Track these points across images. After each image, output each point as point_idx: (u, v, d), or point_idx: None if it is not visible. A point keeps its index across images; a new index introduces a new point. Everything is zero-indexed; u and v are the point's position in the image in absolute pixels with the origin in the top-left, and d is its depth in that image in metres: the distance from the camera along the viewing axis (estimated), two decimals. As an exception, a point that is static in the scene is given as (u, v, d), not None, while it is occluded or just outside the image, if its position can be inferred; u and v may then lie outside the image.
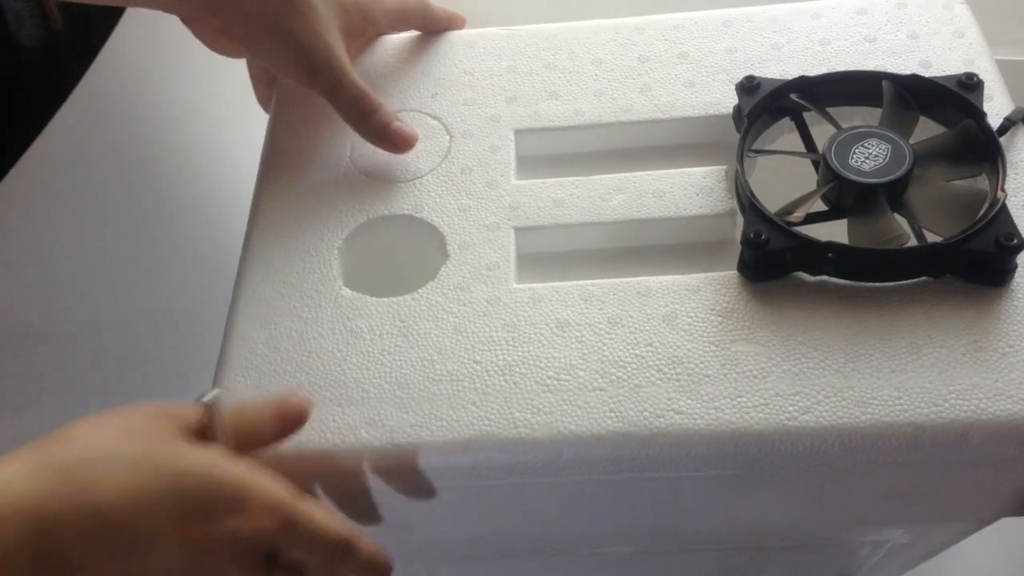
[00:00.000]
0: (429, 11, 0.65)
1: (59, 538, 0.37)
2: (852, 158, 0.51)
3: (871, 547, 0.59)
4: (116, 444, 0.40)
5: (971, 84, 0.53)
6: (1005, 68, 0.59)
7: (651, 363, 0.48)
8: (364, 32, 0.63)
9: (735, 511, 0.51)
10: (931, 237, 0.50)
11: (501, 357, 0.50)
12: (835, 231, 0.51)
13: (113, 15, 0.79)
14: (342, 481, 0.48)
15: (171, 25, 0.60)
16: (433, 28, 0.66)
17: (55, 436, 0.40)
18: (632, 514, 0.52)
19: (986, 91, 0.55)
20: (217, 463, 0.41)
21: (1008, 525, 0.54)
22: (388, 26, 0.64)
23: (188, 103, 0.79)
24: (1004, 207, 0.49)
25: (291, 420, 0.46)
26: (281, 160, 0.60)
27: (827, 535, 0.58)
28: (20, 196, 0.68)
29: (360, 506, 0.50)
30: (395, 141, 0.58)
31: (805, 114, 0.56)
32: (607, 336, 0.50)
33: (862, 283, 0.50)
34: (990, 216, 0.48)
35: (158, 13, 0.58)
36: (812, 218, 0.51)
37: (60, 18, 0.74)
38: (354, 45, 0.63)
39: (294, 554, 0.42)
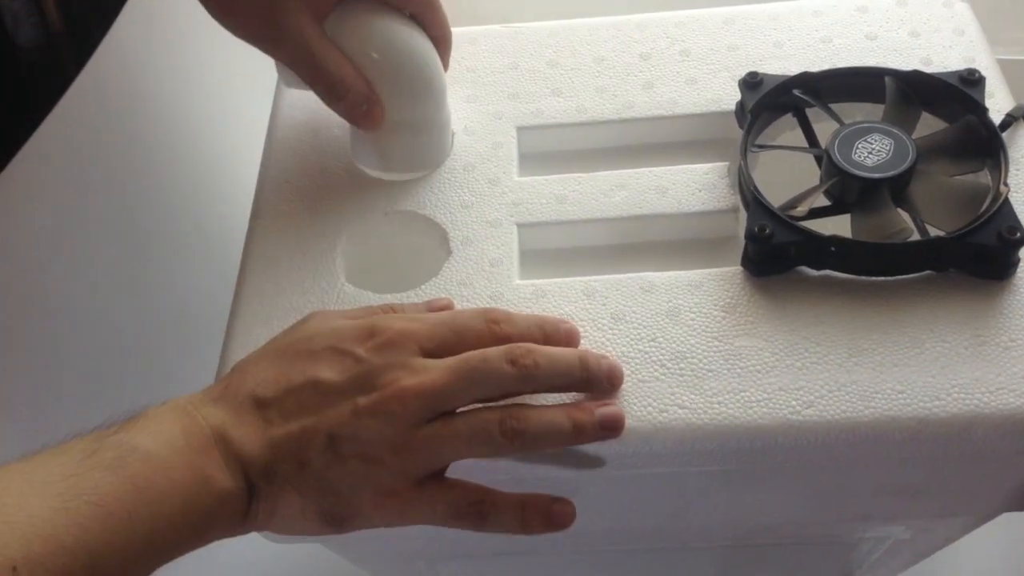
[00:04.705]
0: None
1: (233, 391, 0.44)
2: (855, 153, 0.51)
3: (872, 543, 0.59)
4: (255, 352, 0.47)
5: (973, 80, 0.53)
6: (1006, 68, 0.59)
7: (654, 358, 0.48)
8: None
9: (738, 506, 0.51)
10: (934, 232, 0.50)
11: (504, 352, 0.50)
12: (838, 227, 0.51)
13: (111, 15, 0.79)
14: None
15: (168, 23, 0.60)
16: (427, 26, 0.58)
17: None
18: (635, 510, 0.51)
19: (987, 88, 0.55)
20: (336, 319, 0.47)
21: (1008, 523, 0.54)
22: None
23: (186, 100, 0.79)
24: (1007, 201, 0.49)
25: (439, 308, 0.50)
26: (282, 156, 0.60)
27: (830, 531, 0.58)
28: (17, 193, 0.68)
29: None
30: (357, 121, 0.55)
31: (807, 110, 0.56)
32: (610, 332, 0.50)
33: (865, 278, 0.50)
34: (993, 210, 0.48)
35: (156, 10, 0.57)
36: (815, 213, 0.51)
37: (58, 18, 0.74)
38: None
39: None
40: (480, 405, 0.44)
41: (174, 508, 0.40)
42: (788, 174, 0.55)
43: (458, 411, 0.44)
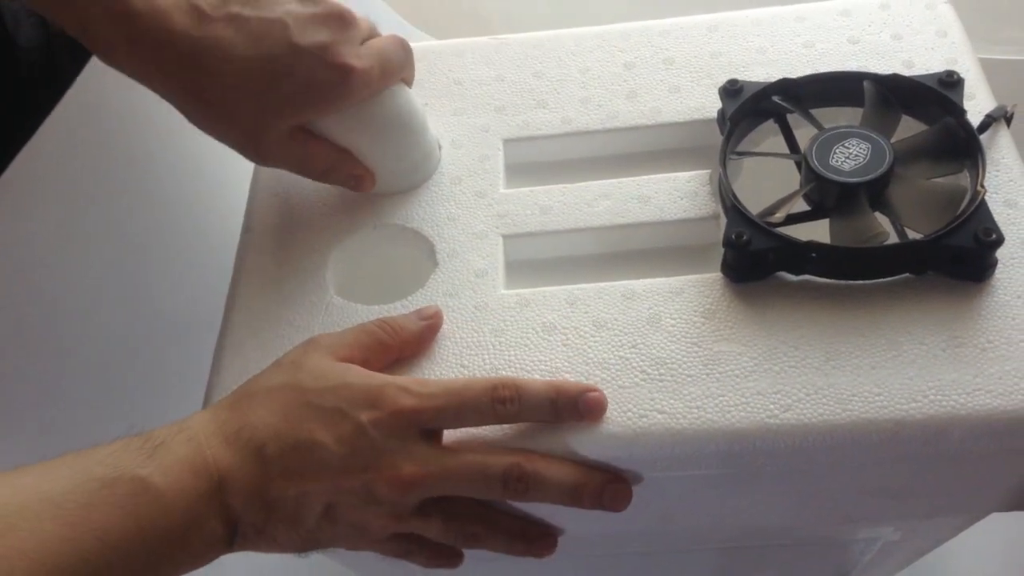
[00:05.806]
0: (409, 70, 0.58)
1: (245, 437, 0.46)
2: (833, 158, 0.51)
3: (863, 544, 0.59)
4: (268, 378, 0.48)
5: (951, 82, 0.54)
6: (1003, 67, 0.59)
7: (635, 364, 0.49)
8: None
9: (722, 510, 0.52)
10: (913, 235, 0.50)
11: (488, 361, 0.50)
12: (819, 232, 0.51)
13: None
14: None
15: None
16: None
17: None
18: (623, 513, 0.52)
19: (968, 89, 0.55)
20: (349, 372, 0.48)
21: (1002, 524, 0.54)
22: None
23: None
24: (983, 203, 0.49)
25: (430, 315, 0.52)
26: (274, 171, 0.61)
27: (817, 533, 0.58)
28: (15, 196, 0.69)
29: None
30: (349, 189, 0.58)
31: (789, 116, 0.56)
32: (592, 339, 0.50)
33: (844, 282, 0.50)
34: (969, 212, 0.49)
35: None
36: (795, 218, 0.52)
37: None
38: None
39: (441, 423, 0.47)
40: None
41: (169, 547, 0.44)
42: (775, 180, 0.56)
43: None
